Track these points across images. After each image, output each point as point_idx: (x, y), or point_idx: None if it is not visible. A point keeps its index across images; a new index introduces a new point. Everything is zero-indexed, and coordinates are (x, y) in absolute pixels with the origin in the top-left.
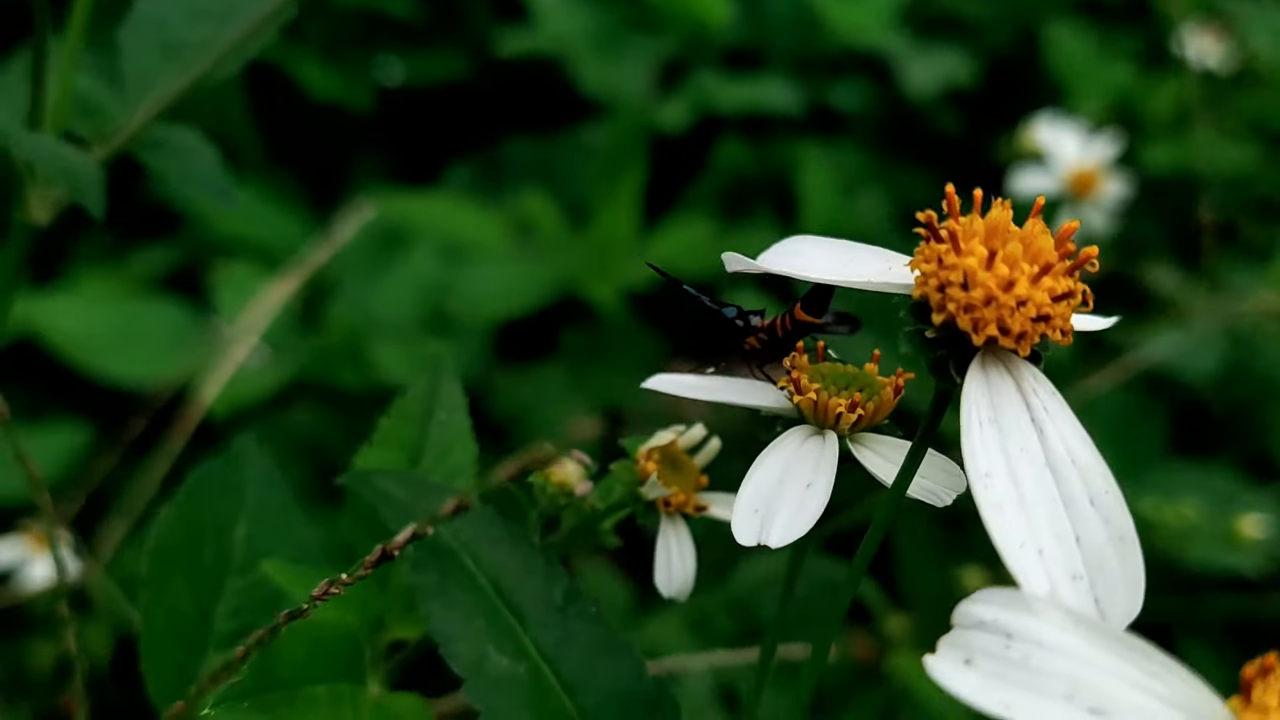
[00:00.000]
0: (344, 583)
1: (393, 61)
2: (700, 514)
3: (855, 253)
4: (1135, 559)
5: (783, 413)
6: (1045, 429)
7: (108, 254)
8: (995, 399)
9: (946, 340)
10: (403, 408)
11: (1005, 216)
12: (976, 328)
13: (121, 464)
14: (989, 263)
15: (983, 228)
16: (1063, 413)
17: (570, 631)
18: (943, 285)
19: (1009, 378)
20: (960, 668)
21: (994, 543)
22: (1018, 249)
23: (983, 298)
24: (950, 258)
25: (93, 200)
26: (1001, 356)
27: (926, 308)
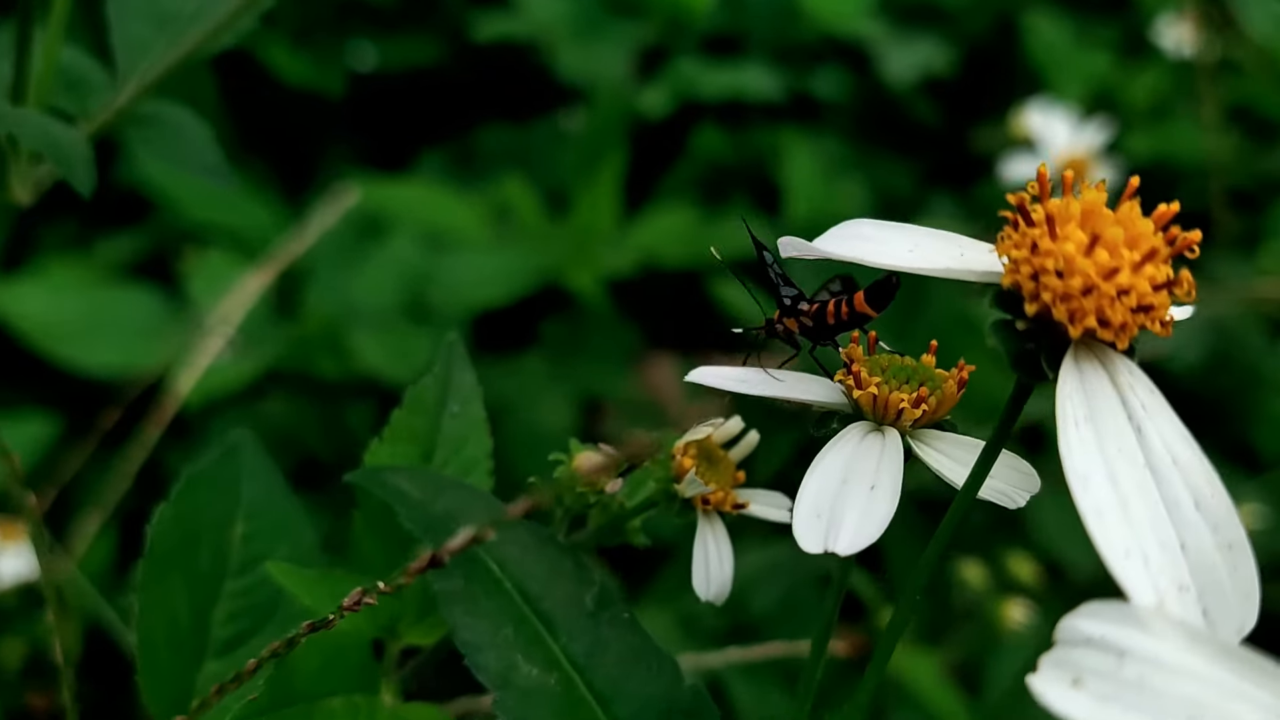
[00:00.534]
0: (380, 592)
1: (365, 47)
2: (739, 512)
3: (920, 238)
4: (1247, 567)
5: (838, 408)
6: (1144, 428)
7: (74, 241)
8: (1090, 396)
9: (1038, 332)
10: (415, 398)
11: (1101, 199)
12: (1074, 319)
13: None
14: (1089, 248)
15: (1079, 211)
16: (1162, 410)
17: (602, 639)
18: (1036, 273)
19: (1104, 373)
20: (1068, 689)
21: (1098, 550)
22: (1119, 234)
23: (1082, 286)
24: (1046, 243)
25: (81, 177)
26: (1095, 350)
27: (1016, 297)
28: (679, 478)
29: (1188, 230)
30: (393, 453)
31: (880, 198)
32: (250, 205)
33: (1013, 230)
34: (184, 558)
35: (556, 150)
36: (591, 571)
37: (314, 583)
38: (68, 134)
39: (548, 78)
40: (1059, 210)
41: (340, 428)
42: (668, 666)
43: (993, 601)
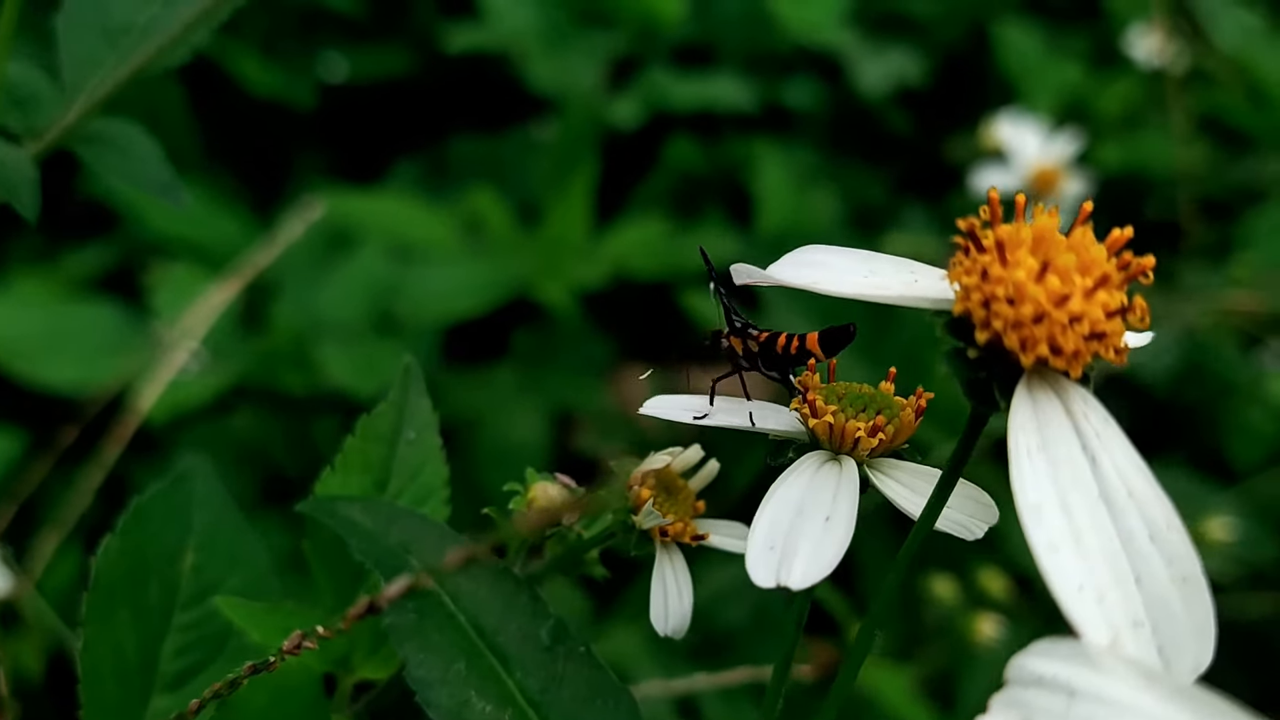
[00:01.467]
0: (320, 636)
1: (335, 58)
2: (699, 544)
3: (876, 264)
4: (1203, 603)
5: (794, 437)
6: (1099, 458)
7: (39, 255)
8: (1043, 426)
9: (990, 360)
10: (370, 425)
11: (1053, 224)
12: (1025, 347)
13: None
14: (1040, 275)
15: (1029, 236)
16: (1116, 440)
17: (558, 674)
18: (988, 300)
19: (1057, 401)
20: None
21: (1049, 585)
22: (1072, 260)
23: (1033, 314)
24: (996, 269)
25: (25, 201)
26: (1048, 378)
27: (968, 324)
28: (636, 509)
29: (1145, 250)
30: (345, 482)
31: (853, 207)
32: (218, 218)
33: (964, 256)
34: (132, 590)
35: (528, 161)
36: (547, 605)
37: (263, 616)
38: (12, 155)
39: (519, 88)
40: (1009, 236)
41: (307, 443)
42: (625, 702)
43: (964, 616)
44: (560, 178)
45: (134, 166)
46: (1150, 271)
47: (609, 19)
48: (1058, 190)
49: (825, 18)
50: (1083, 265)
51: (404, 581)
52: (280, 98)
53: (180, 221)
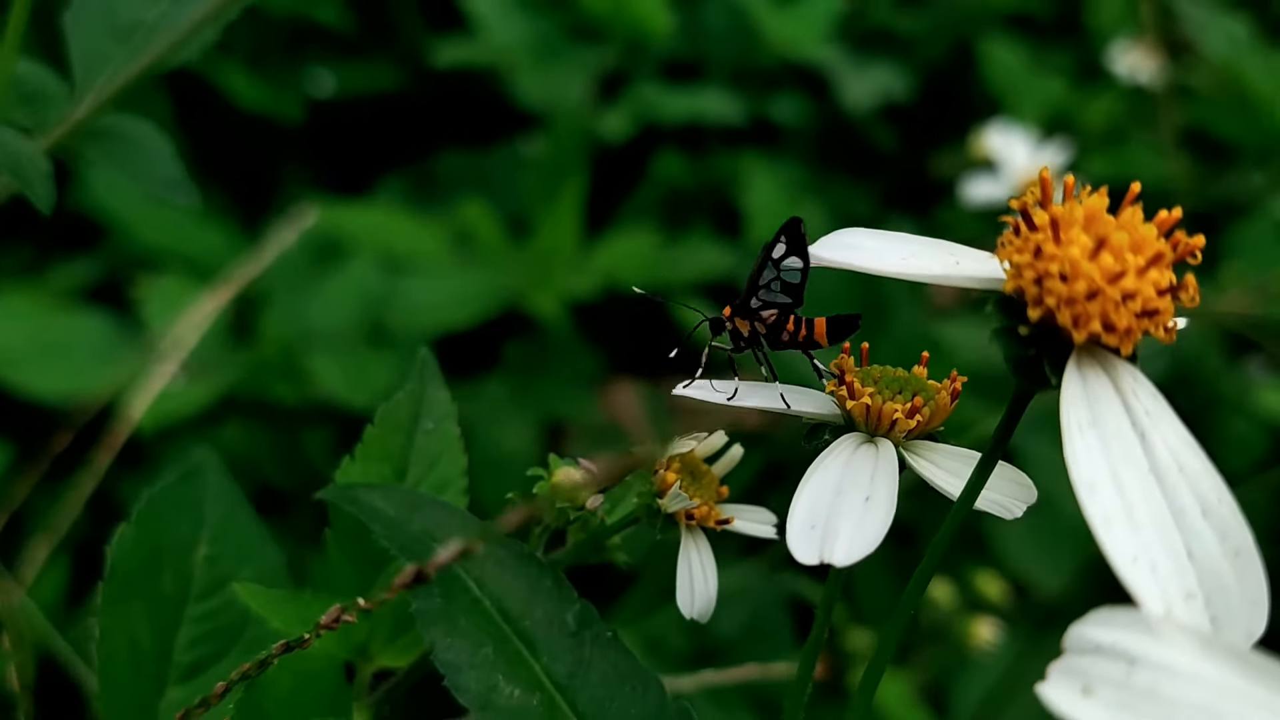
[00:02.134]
0: (360, 608)
1: (323, 73)
2: (724, 528)
3: (913, 246)
4: (1255, 575)
5: (829, 419)
6: (1148, 435)
7: (28, 267)
8: (1093, 402)
9: (1040, 337)
10: (388, 414)
11: (1103, 204)
12: (1078, 323)
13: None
14: (1094, 253)
15: (1082, 215)
16: (1166, 416)
17: (585, 658)
18: (1040, 277)
19: (1106, 379)
20: (1078, 697)
21: (1106, 557)
22: (1124, 238)
23: (1086, 290)
24: (1050, 247)
25: (40, 193)
26: (1098, 356)
27: (1019, 302)
28: (662, 492)
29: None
30: (365, 470)
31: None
32: (206, 231)
33: (1014, 235)
34: (146, 580)
35: (517, 175)
36: (572, 589)
37: (282, 603)
38: (25, 147)
39: (507, 104)
40: (1063, 215)
41: (298, 454)
42: (653, 686)
43: (961, 620)
44: (549, 190)
45: (144, 162)
46: (1199, 252)
47: (598, 33)
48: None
49: (811, 34)
50: (1135, 244)
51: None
52: (268, 113)
53: (168, 234)
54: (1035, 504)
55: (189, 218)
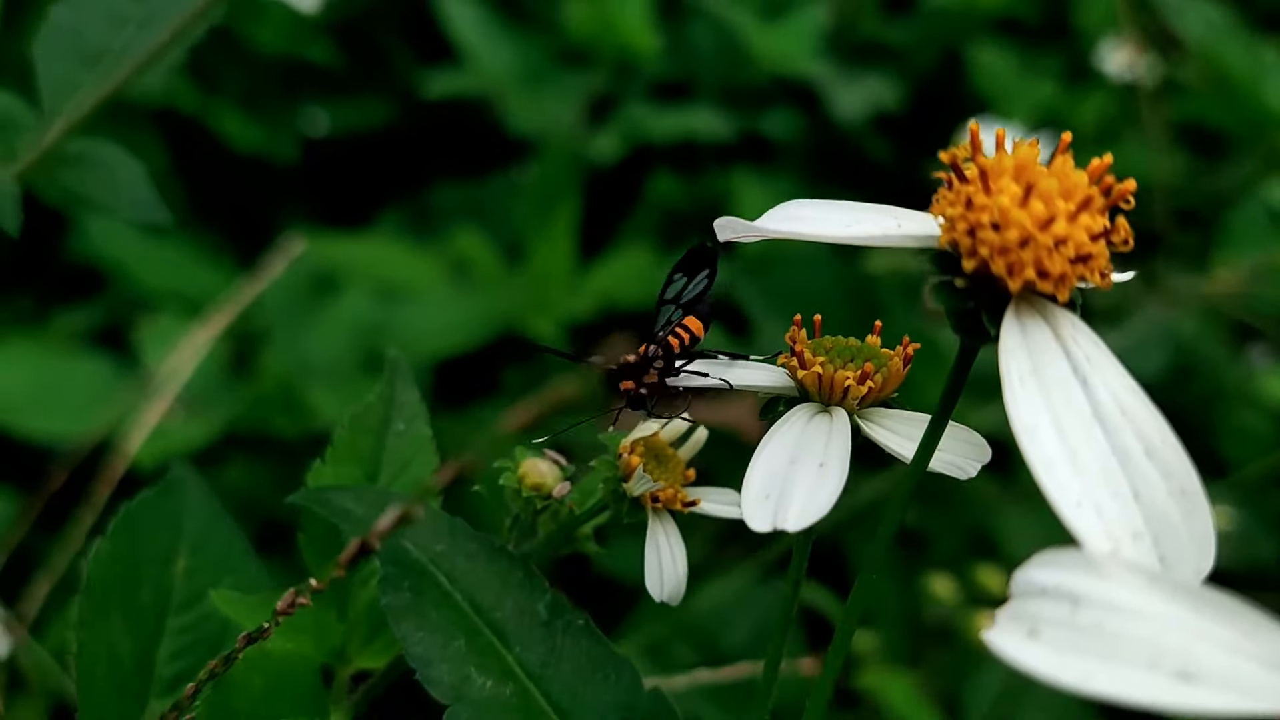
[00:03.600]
0: (312, 589)
1: (316, 111)
2: (690, 509)
3: (858, 212)
4: (1202, 513)
5: (783, 392)
6: (1090, 380)
7: (29, 317)
8: (1034, 351)
9: (977, 289)
10: (359, 418)
11: (1034, 154)
12: (1012, 272)
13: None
14: (1024, 200)
15: (1012, 165)
16: (1107, 361)
17: (558, 647)
18: (973, 228)
19: (1046, 327)
20: (1025, 641)
21: (1050, 502)
22: (1054, 184)
23: (1018, 238)
24: (980, 198)
25: (7, 216)
26: (1036, 305)
27: (954, 256)
28: (627, 476)
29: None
30: (336, 473)
31: None
32: (203, 271)
33: (947, 190)
34: (124, 593)
35: (511, 204)
36: (543, 580)
37: (257, 609)
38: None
39: (499, 134)
40: (992, 165)
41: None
42: (626, 672)
43: (964, 615)
44: (543, 214)
45: (115, 186)
46: (1131, 197)
47: (586, 57)
48: None
49: (800, 49)
50: (1065, 190)
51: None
52: (263, 153)
53: (165, 276)
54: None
55: (186, 259)
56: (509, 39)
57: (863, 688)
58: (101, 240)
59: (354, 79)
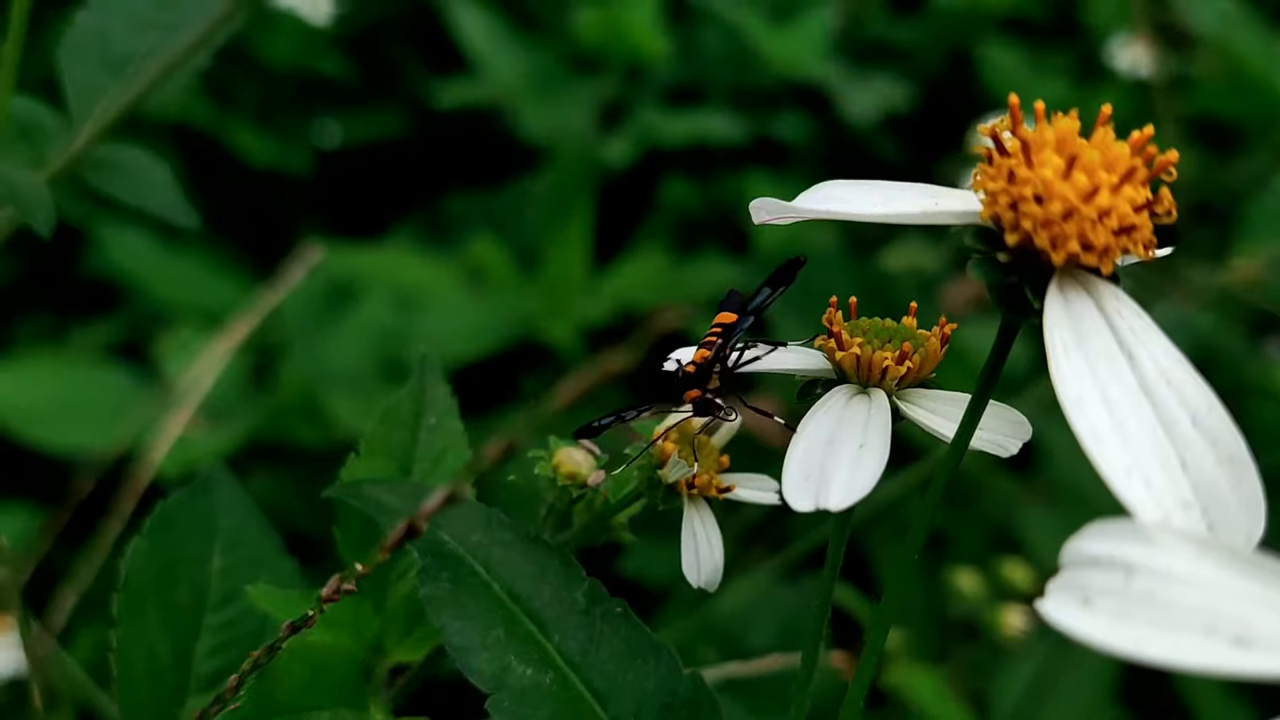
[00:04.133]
0: (358, 574)
1: (329, 124)
2: (725, 495)
3: (893, 192)
4: (1250, 479)
5: (821, 374)
6: (1135, 352)
7: (50, 333)
8: (1077, 323)
9: (1020, 263)
10: (391, 412)
11: (1074, 126)
12: (1056, 245)
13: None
14: (1066, 172)
15: (1054, 137)
16: (1151, 333)
17: (597, 635)
18: (1015, 202)
19: (1089, 300)
20: (1079, 610)
21: (1101, 474)
22: (1096, 156)
23: (1062, 211)
24: (1023, 171)
25: (41, 219)
26: (1079, 278)
27: (995, 231)
28: (662, 463)
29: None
30: (370, 467)
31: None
32: (221, 284)
33: (987, 165)
34: (161, 591)
35: (526, 211)
36: (580, 568)
37: (295, 603)
38: (24, 177)
39: (513, 142)
40: (1034, 138)
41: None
42: (665, 658)
43: (990, 609)
44: (557, 220)
45: (142, 188)
46: (1174, 169)
47: (596, 63)
48: None
49: (809, 52)
50: (1108, 162)
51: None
52: (277, 167)
53: (184, 289)
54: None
55: (204, 272)
56: (519, 47)
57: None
58: (119, 255)
59: (366, 91)
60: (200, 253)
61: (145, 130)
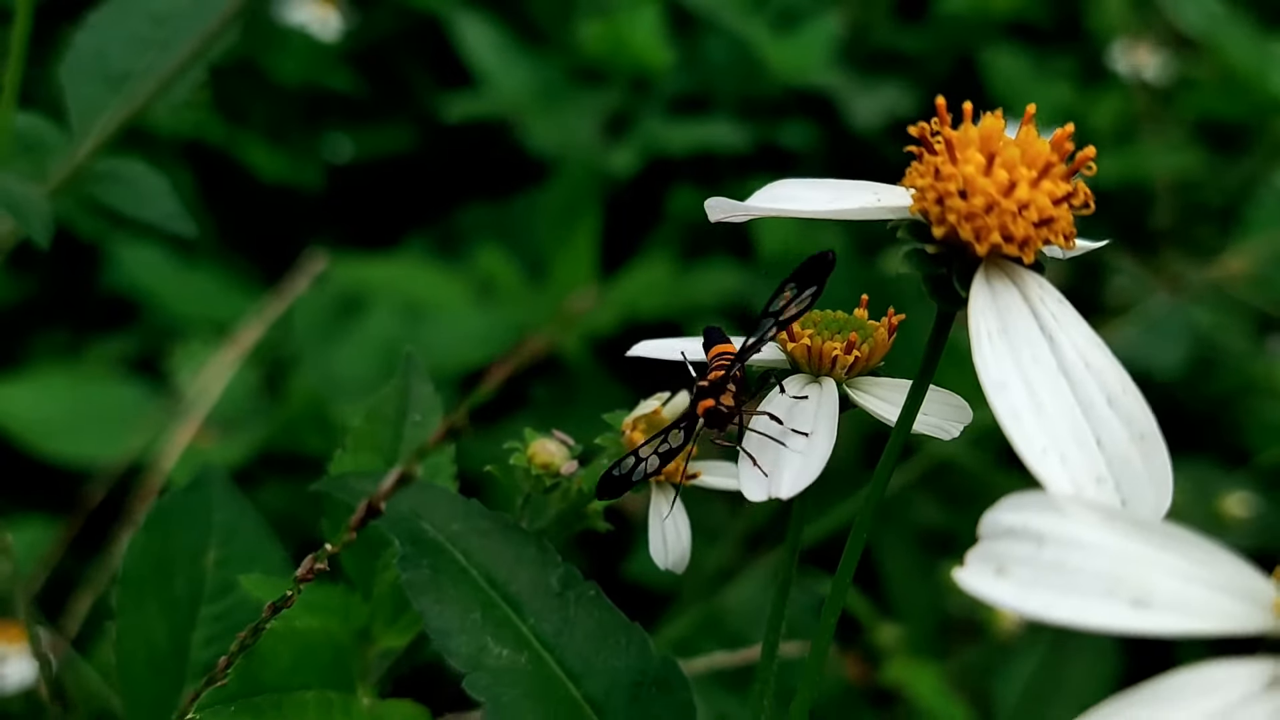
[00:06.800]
0: (328, 553)
1: (340, 139)
2: (691, 482)
3: (842, 189)
4: (1160, 455)
5: (775, 365)
6: (1056, 337)
7: (66, 349)
8: (1002, 311)
9: (948, 255)
10: (376, 409)
11: (998, 125)
12: (979, 236)
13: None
14: (987, 169)
15: (977, 136)
16: (1071, 319)
17: (570, 617)
18: (941, 197)
19: (1014, 288)
20: (993, 578)
21: (1017, 452)
22: (1016, 153)
23: (984, 205)
24: (947, 168)
25: (39, 231)
26: (1004, 268)
27: (925, 225)
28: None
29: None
30: (356, 461)
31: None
32: (234, 298)
33: (918, 163)
34: (159, 584)
35: (535, 222)
36: (555, 554)
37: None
38: (25, 189)
39: (523, 154)
40: (958, 137)
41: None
42: (637, 639)
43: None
44: (565, 229)
45: (142, 200)
46: (1093, 163)
47: (600, 75)
48: None
49: (814, 60)
50: (1027, 158)
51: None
52: (290, 182)
53: (198, 303)
54: None
55: (217, 287)
56: (524, 60)
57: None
58: (135, 271)
59: (376, 106)
60: (213, 268)
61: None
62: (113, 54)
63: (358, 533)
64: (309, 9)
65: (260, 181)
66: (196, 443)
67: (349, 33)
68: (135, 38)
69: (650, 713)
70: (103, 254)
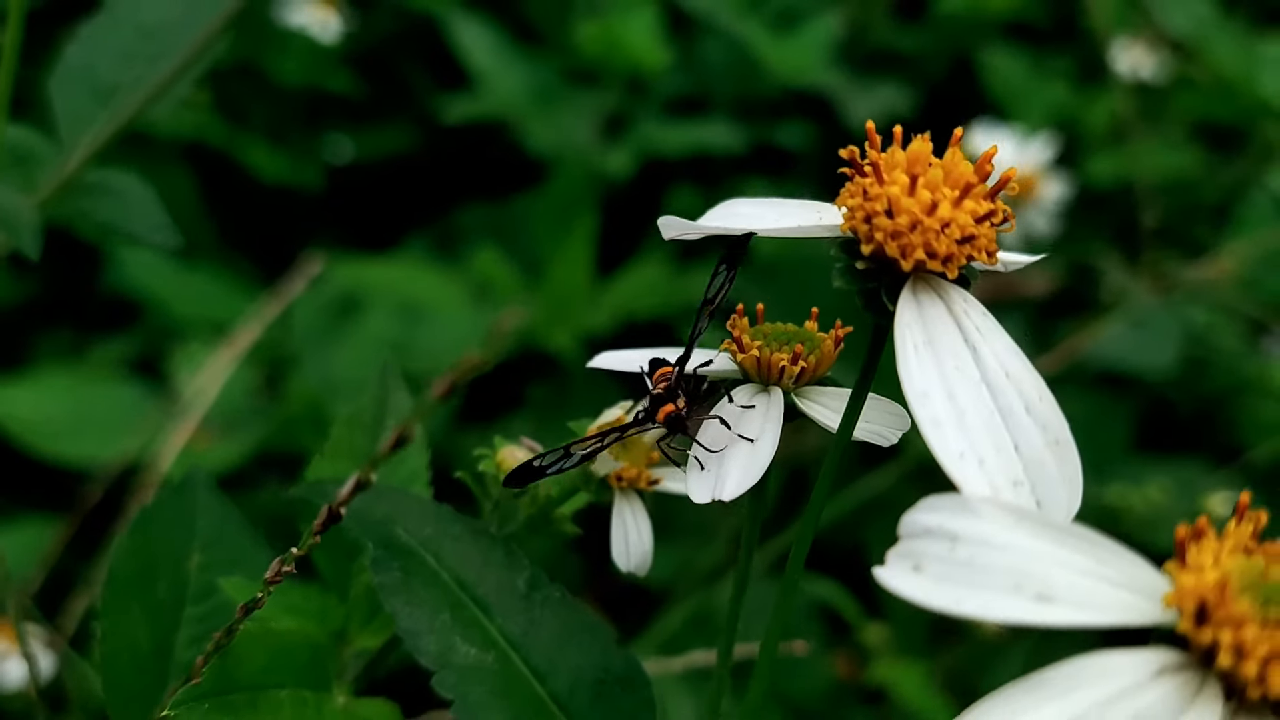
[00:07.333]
0: (294, 556)
1: (340, 140)
2: (653, 488)
3: (787, 208)
4: (1072, 460)
5: (727, 375)
6: (979, 348)
7: (68, 349)
8: (928, 323)
9: (877, 271)
10: (353, 416)
11: (926, 148)
12: (904, 253)
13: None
14: (911, 189)
15: (904, 159)
16: (994, 331)
17: (536, 618)
18: (869, 216)
19: (940, 302)
20: (909, 574)
21: (935, 457)
22: (938, 174)
23: (908, 223)
24: (874, 189)
25: (28, 242)
26: (931, 283)
27: (856, 242)
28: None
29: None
30: (334, 467)
31: None
32: (234, 299)
33: (850, 184)
34: (143, 586)
35: (533, 223)
36: (523, 557)
37: None
38: (14, 199)
39: (522, 155)
40: (885, 159)
41: None
42: (601, 638)
43: None
44: (561, 229)
45: (129, 210)
46: (1015, 184)
47: (596, 76)
48: (1037, 195)
49: (812, 60)
50: (950, 179)
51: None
52: (290, 183)
53: (198, 305)
54: None
55: (218, 288)
56: (521, 62)
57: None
58: (137, 273)
59: (376, 107)
60: (214, 268)
61: (159, 149)
62: (101, 67)
63: (337, 537)
64: (309, 11)
65: (261, 182)
66: (194, 443)
67: (349, 35)
68: (124, 51)
69: (613, 708)
70: (104, 255)
